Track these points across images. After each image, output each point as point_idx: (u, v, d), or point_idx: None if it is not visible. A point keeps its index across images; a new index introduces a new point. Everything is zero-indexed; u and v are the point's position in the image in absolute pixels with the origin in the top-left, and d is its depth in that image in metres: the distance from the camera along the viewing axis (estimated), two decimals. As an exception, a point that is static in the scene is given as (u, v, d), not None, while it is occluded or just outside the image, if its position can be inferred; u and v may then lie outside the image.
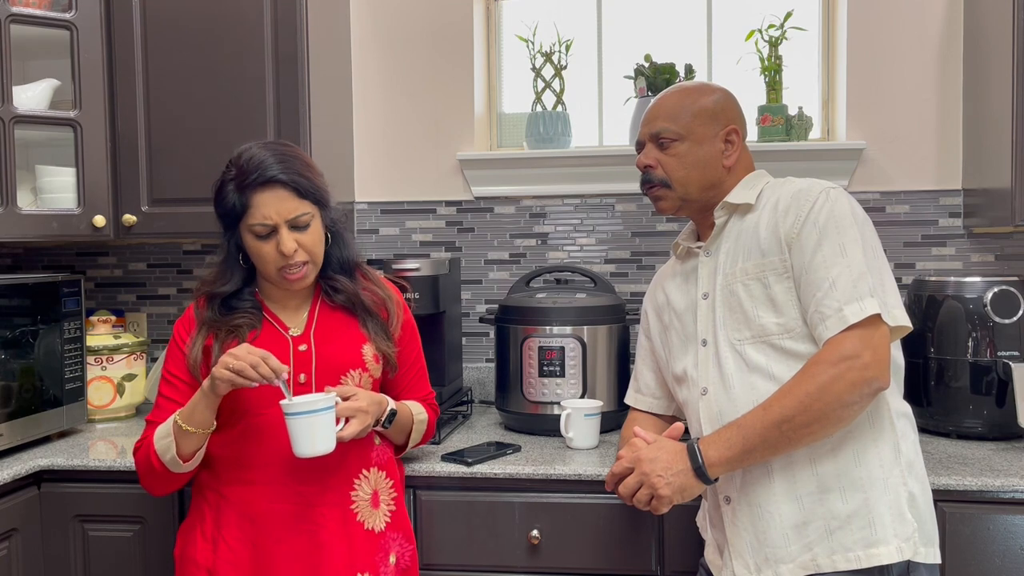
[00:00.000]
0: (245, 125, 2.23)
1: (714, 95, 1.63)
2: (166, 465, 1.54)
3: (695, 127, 1.59)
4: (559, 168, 2.53)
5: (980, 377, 1.99)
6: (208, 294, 1.64)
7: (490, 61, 2.71)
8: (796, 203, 1.50)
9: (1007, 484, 1.69)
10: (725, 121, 1.61)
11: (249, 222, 1.55)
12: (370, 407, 1.56)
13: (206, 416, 1.52)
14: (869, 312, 1.39)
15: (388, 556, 1.64)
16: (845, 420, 1.41)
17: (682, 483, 1.43)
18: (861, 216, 1.49)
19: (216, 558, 1.56)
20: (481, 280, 2.61)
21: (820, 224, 1.45)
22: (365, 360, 1.65)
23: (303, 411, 1.45)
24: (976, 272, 2.39)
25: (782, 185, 1.57)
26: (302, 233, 1.57)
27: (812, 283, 1.44)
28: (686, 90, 1.65)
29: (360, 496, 1.62)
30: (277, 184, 1.55)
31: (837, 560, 1.42)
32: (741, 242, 1.55)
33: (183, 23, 2.26)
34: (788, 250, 1.48)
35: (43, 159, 2.33)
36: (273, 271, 1.58)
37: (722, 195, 1.60)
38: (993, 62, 2.19)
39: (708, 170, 1.59)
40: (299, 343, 1.62)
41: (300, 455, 1.48)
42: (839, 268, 1.42)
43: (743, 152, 1.64)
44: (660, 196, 1.62)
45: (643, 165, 1.63)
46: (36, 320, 2.08)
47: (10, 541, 1.87)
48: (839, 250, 1.43)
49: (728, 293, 1.53)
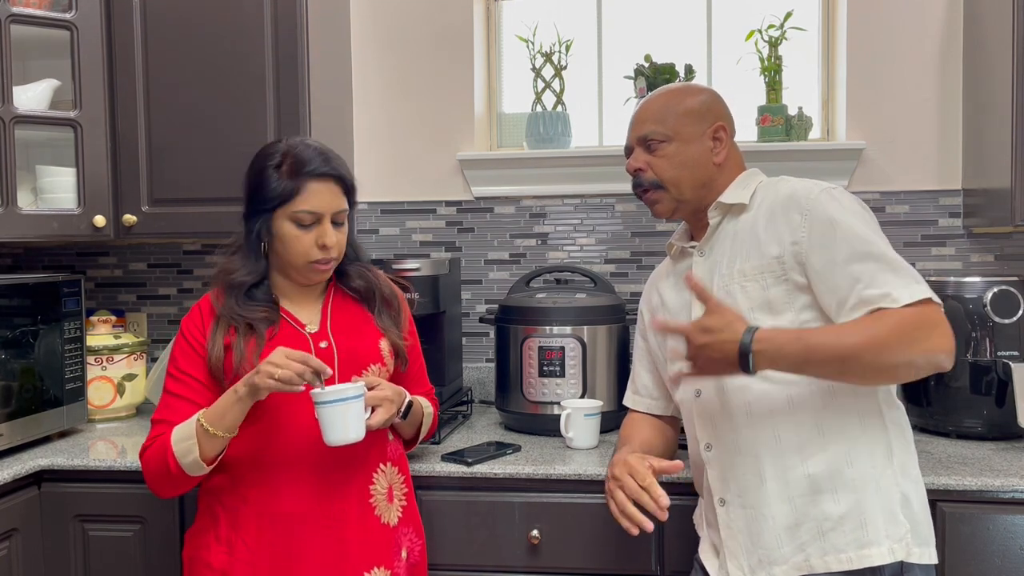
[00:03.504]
0: (245, 125, 2.23)
1: (700, 95, 1.63)
2: (184, 468, 1.50)
3: (682, 127, 1.59)
4: (559, 168, 2.53)
5: (980, 377, 1.99)
6: (229, 283, 1.61)
7: (490, 61, 2.71)
8: (797, 203, 1.48)
9: (1007, 484, 1.69)
10: (712, 119, 1.60)
11: (295, 209, 1.55)
12: (394, 396, 1.58)
13: (236, 420, 1.49)
14: (925, 295, 1.37)
15: (400, 550, 1.65)
16: (899, 380, 1.41)
17: (727, 355, 1.36)
18: (869, 211, 1.50)
19: (232, 560, 1.55)
20: (481, 280, 2.62)
21: (835, 219, 1.44)
22: (383, 354, 1.66)
23: (335, 399, 1.46)
24: (976, 272, 2.39)
25: (777, 184, 1.57)
26: (338, 229, 1.60)
27: (848, 274, 1.40)
28: (671, 92, 1.65)
29: (378, 491, 1.62)
30: (330, 178, 1.57)
31: (829, 561, 1.42)
32: (738, 243, 1.54)
33: (183, 23, 2.26)
34: (798, 251, 1.46)
35: (43, 159, 2.34)
36: (303, 262, 1.58)
37: (715, 194, 1.60)
38: (993, 62, 2.19)
39: (698, 169, 1.59)
40: (318, 340, 1.62)
41: (331, 443, 1.48)
42: (873, 261, 1.40)
43: (733, 149, 1.63)
44: (656, 199, 1.62)
45: (633, 169, 1.63)
46: (36, 320, 2.08)
47: (10, 541, 1.87)
48: (866, 243, 1.41)
49: (724, 294, 1.52)
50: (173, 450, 1.50)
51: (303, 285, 1.65)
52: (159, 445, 1.53)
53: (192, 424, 1.50)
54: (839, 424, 1.45)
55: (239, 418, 1.50)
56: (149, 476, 1.56)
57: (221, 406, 1.50)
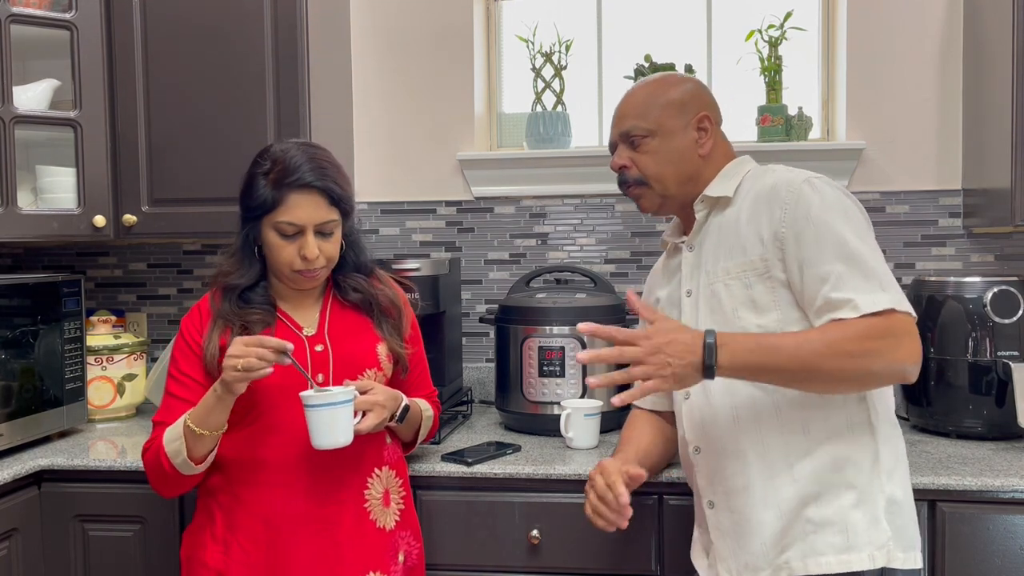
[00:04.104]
0: (245, 125, 2.23)
1: (681, 85, 1.59)
2: (177, 468, 1.52)
3: (664, 120, 1.56)
4: (559, 168, 2.53)
5: (980, 377, 1.99)
6: (225, 285, 1.62)
7: (490, 61, 2.71)
8: (778, 196, 1.45)
9: (1007, 484, 1.69)
10: (695, 109, 1.57)
11: (277, 219, 1.55)
12: (387, 401, 1.57)
13: (220, 419, 1.50)
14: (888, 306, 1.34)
15: (397, 554, 1.65)
16: (862, 389, 1.41)
17: (685, 375, 1.34)
18: (851, 202, 1.45)
19: (228, 560, 1.55)
20: (481, 280, 2.62)
21: (812, 216, 1.40)
22: (380, 359, 1.65)
23: (323, 403, 1.46)
24: (976, 272, 2.39)
25: (762, 175, 1.53)
26: (325, 240, 1.58)
27: (815, 277, 1.39)
28: (652, 84, 1.61)
29: (373, 494, 1.62)
30: (314, 190, 1.55)
31: (810, 564, 1.41)
32: (722, 238, 1.52)
33: (183, 23, 2.26)
34: (778, 246, 1.43)
35: (43, 159, 2.33)
36: (287, 270, 1.58)
37: (702, 187, 1.57)
38: (993, 62, 2.19)
39: (683, 163, 1.56)
40: (314, 343, 1.62)
41: (319, 447, 1.48)
42: (843, 263, 1.37)
43: (719, 139, 1.60)
44: (639, 195, 1.60)
45: (617, 166, 1.61)
46: (36, 320, 2.08)
47: (10, 541, 1.87)
48: (839, 243, 1.38)
49: (710, 293, 1.51)
50: (165, 450, 1.52)
51: (295, 290, 1.65)
52: (156, 447, 1.55)
53: (180, 424, 1.52)
54: (826, 431, 1.43)
55: (222, 417, 1.50)
56: (150, 476, 1.58)
57: (204, 406, 1.51)
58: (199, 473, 1.55)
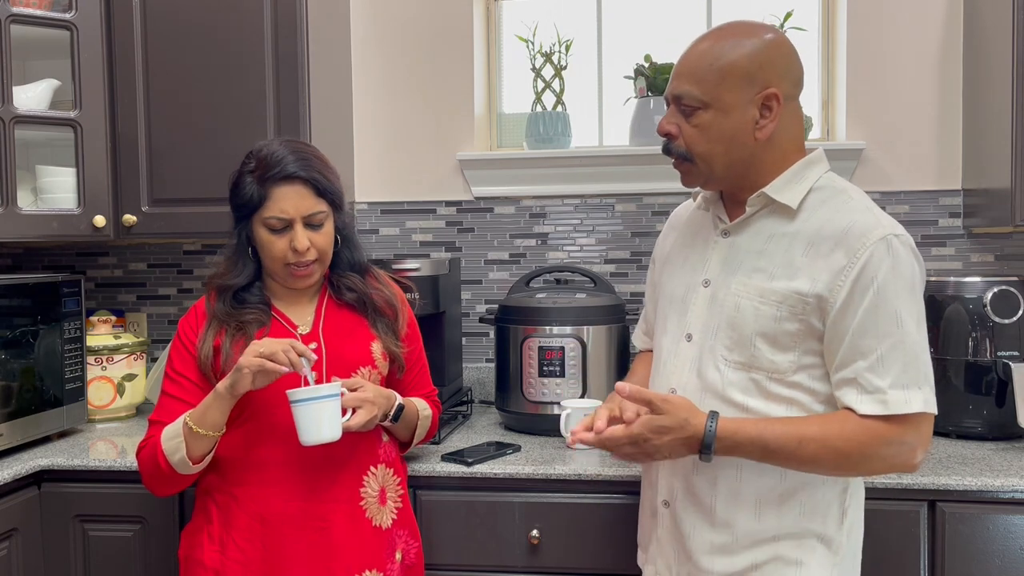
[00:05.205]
0: (245, 125, 2.23)
1: (752, 44, 1.34)
2: (174, 466, 1.52)
3: (722, 93, 1.33)
4: (559, 168, 2.53)
5: (980, 377, 1.99)
6: (220, 286, 1.64)
7: (490, 61, 2.71)
8: (849, 245, 1.31)
9: (1007, 484, 1.69)
10: (763, 82, 1.33)
11: (264, 215, 1.56)
12: (377, 399, 1.57)
13: (219, 419, 1.51)
14: (920, 409, 1.29)
15: (394, 552, 1.65)
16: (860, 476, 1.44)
17: (678, 455, 1.35)
18: (920, 277, 1.33)
19: (224, 559, 1.56)
20: (481, 280, 2.62)
21: (878, 282, 1.28)
22: (374, 357, 1.65)
23: (307, 398, 1.47)
24: (976, 272, 2.39)
25: (836, 201, 1.36)
26: (315, 232, 1.58)
27: (856, 347, 1.30)
28: (721, 37, 1.36)
29: (369, 493, 1.62)
30: (298, 180, 1.56)
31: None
32: (770, 250, 1.37)
33: (183, 23, 2.26)
34: (828, 298, 1.31)
35: (43, 159, 2.34)
36: (280, 267, 1.59)
37: (755, 173, 1.38)
38: (993, 62, 2.19)
39: (735, 145, 1.36)
40: (308, 341, 1.62)
41: (305, 443, 1.48)
42: (891, 341, 1.29)
43: (789, 122, 1.38)
44: (683, 171, 1.42)
45: (664, 131, 1.40)
46: (36, 320, 2.08)
47: (10, 541, 1.87)
48: (894, 320, 1.28)
49: (734, 306, 1.38)
50: (163, 448, 1.52)
51: (290, 289, 1.65)
52: (152, 444, 1.56)
53: (179, 423, 1.52)
54: (801, 478, 1.38)
55: (222, 416, 1.51)
56: (144, 475, 1.59)
57: (204, 405, 1.52)
58: (195, 473, 1.56)
